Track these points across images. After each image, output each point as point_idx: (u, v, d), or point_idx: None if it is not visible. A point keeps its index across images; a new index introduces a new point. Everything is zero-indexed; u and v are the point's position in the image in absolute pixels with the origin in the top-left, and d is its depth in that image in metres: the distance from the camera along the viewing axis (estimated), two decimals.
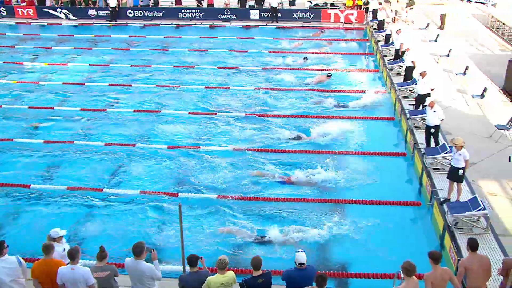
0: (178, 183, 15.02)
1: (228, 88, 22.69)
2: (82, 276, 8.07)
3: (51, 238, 9.01)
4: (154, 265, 8.49)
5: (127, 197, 14.29)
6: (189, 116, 19.67)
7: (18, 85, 23.56)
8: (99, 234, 12.60)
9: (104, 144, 17.33)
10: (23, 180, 15.16)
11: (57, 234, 9.08)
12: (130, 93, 22.41)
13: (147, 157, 16.53)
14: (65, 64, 26.67)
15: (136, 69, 25.62)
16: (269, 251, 11.85)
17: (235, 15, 35.39)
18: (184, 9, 36.06)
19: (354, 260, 11.60)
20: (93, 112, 20.25)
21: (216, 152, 16.77)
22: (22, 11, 36.56)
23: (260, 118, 19.28)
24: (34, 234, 12.54)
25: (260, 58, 27.12)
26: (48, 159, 16.56)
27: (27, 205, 14.07)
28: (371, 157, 16.19)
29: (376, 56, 26.72)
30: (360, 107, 20.18)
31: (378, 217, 13.00)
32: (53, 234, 9.07)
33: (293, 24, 34.16)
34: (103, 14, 36.06)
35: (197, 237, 12.34)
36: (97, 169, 15.93)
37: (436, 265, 8.26)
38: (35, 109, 20.55)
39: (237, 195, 14.18)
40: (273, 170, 15.54)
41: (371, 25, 31.63)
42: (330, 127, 18.26)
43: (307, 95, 21.56)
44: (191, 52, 28.39)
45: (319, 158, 16.16)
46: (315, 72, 24.35)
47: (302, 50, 28.39)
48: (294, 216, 13.28)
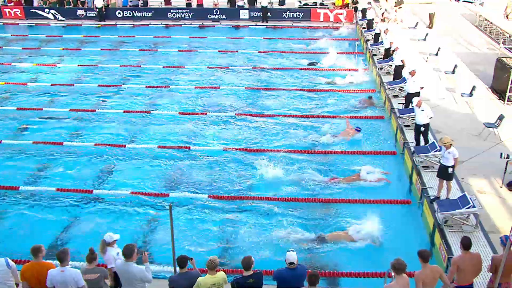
0: (169, 183, 14.99)
1: (218, 88, 22.67)
2: (72, 278, 8.00)
3: (106, 243, 8.88)
4: (145, 267, 8.46)
5: (117, 198, 14.21)
6: (179, 116, 19.63)
7: (6, 86, 23.38)
8: (89, 236, 12.48)
9: (94, 145, 17.26)
10: (12, 181, 15.04)
11: (111, 238, 8.97)
12: (119, 94, 22.32)
13: (137, 158, 16.48)
14: (53, 65, 26.53)
15: (126, 70, 25.50)
16: (260, 250, 11.83)
17: (225, 15, 35.36)
18: (173, 9, 35.99)
19: (344, 259, 11.61)
20: (82, 112, 20.15)
21: (206, 152, 16.74)
22: (9, 11, 36.30)
23: (250, 118, 19.27)
24: (22, 236, 12.50)
25: (250, 58, 27.09)
26: (37, 160, 16.46)
27: (16, 207, 13.94)
28: (361, 156, 16.23)
29: (365, 55, 26.80)
30: (350, 106, 20.22)
31: (368, 215, 13.02)
32: (108, 239, 8.93)
33: (283, 23, 34.19)
34: (91, 14, 35.87)
35: (188, 238, 12.30)
36: (87, 170, 15.85)
37: (425, 263, 8.28)
38: (23, 110, 20.38)
39: (227, 195, 14.18)
40: (263, 170, 15.54)
41: (361, 24, 31.72)
42: (319, 126, 18.32)
43: (297, 95, 21.59)
44: (181, 52, 28.34)
45: (308, 158, 16.19)
46: (305, 73, 24.42)
47: (295, 50, 28.41)
48: (284, 215, 13.28)
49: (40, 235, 12.40)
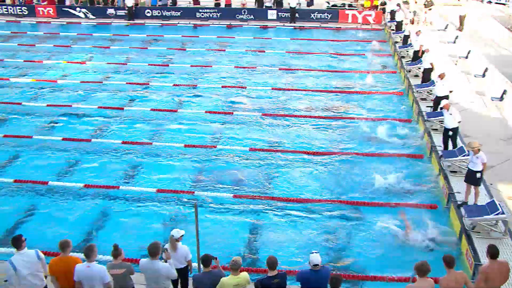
0: (194, 182, 15.08)
1: (244, 88, 22.73)
2: (98, 274, 8.13)
3: (175, 239, 8.97)
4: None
5: (143, 195, 14.36)
6: (206, 115, 19.73)
7: (37, 83, 23.82)
8: (115, 232, 12.68)
9: (121, 142, 17.46)
10: (41, 176, 15.32)
11: (179, 233, 9.04)
12: (147, 92, 22.54)
13: (163, 156, 16.62)
14: (83, 63, 26.91)
15: (154, 68, 25.75)
16: (283, 250, 11.84)
17: (253, 15, 35.44)
18: (201, 9, 36.23)
19: (369, 262, 11.54)
20: (110, 110, 20.40)
21: (233, 151, 16.80)
22: (42, 10, 37.00)
23: (276, 119, 19.28)
24: (50, 230, 12.73)
25: (277, 58, 27.08)
26: (66, 157, 16.73)
27: (44, 201, 14.21)
28: (388, 158, 16.09)
29: (393, 57, 26.56)
30: (377, 108, 20.08)
31: (393, 219, 12.93)
32: (176, 235, 8.99)
33: (310, 24, 34.10)
34: (121, 13, 36.33)
35: (212, 236, 12.36)
36: (114, 167, 16.05)
37: (450, 269, 8.18)
38: (53, 107, 20.75)
39: (252, 195, 14.22)
40: (289, 170, 15.54)
41: (389, 26, 31.45)
42: (346, 128, 18.26)
43: (323, 96, 21.52)
44: (209, 52, 28.48)
45: (334, 160, 16.13)
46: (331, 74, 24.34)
47: (319, 51, 28.33)
48: (309, 217, 13.26)
49: (67, 230, 12.59)
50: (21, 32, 33.51)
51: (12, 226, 13.06)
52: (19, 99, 21.70)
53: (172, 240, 8.96)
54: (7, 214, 13.55)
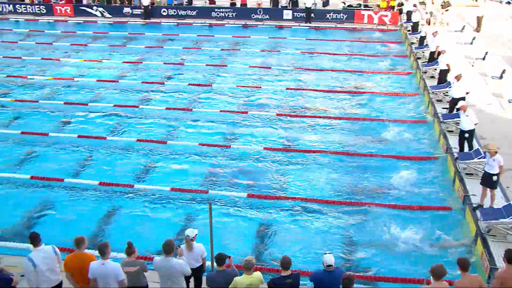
0: (208, 181, 15.12)
1: (259, 87, 22.74)
2: (112, 272, 8.19)
3: (190, 239, 9.01)
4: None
5: (157, 194, 14.44)
6: (221, 114, 19.77)
7: (55, 81, 24.04)
8: (129, 230, 12.76)
9: (136, 140, 17.57)
10: (56, 173, 15.47)
11: (193, 233, 9.10)
12: (162, 91, 22.65)
13: (178, 154, 16.68)
14: (99, 61, 27.10)
15: (169, 67, 25.86)
16: (296, 251, 11.83)
17: (268, 15, 35.42)
18: (217, 9, 36.31)
19: (382, 264, 11.50)
20: (125, 108, 20.53)
21: (246, 151, 16.82)
22: (60, 9, 37.33)
23: (291, 119, 19.27)
24: (65, 226, 12.86)
25: (292, 58, 27.06)
26: (81, 154, 16.88)
27: (60, 198, 14.35)
28: (402, 160, 16.00)
29: (409, 58, 26.40)
30: (392, 109, 19.98)
31: (408, 221, 12.87)
32: (191, 234, 9.04)
33: (326, 24, 34.00)
34: (137, 12, 36.54)
35: (226, 235, 12.39)
36: (128, 164, 16.16)
37: (465, 272, 8.10)
38: (70, 105, 20.93)
39: (266, 194, 14.24)
40: (303, 170, 15.53)
41: (405, 27, 31.26)
42: (360, 128, 18.23)
43: (339, 96, 21.46)
44: (224, 51, 28.53)
45: (348, 160, 16.08)
46: (347, 74, 24.29)
47: (335, 51, 28.24)
48: (322, 217, 13.24)
49: (81, 227, 12.73)
50: (39, 31, 33.82)
51: (27, 222, 13.23)
52: (37, 97, 21.93)
53: (187, 240, 9.00)
54: (23, 210, 13.73)
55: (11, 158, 16.62)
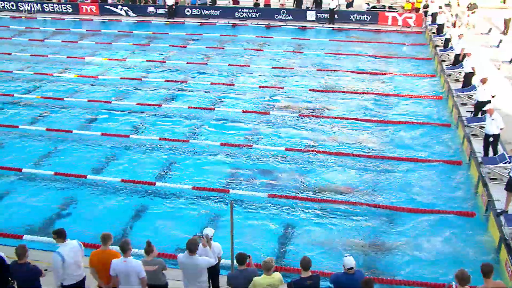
0: (230, 180, 15.16)
1: (282, 88, 22.72)
2: (134, 269, 8.27)
3: (209, 238, 9.07)
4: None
5: (179, 192, 14.53)
6: (243, 114, 19.80)
7: (79, 79, 24.34)
8: (150, 227, 12.89)
9: (158, 139, 17.70)
10: (80, 170, 15.67)
11: (212, 232, 9.19)
12: (185, 90, 22.76)
13: (200, 153, 16.76)
14: (123, 60, 27.37)
15: (192, 66, 25.99)
16: (317, 252, 11.80)
17: (291, 16, 35.38)
18: (241, 9, 36.39)
19: (403, 268, 11.42)
20: (148, 107, 20.69)
21: (268, 151, 16.82)
22: (86, 8, 37.79)
23: (313, 120, 19.22)
24: (87, 222, 13.02)
25: (315, 59, 26.98)
26: (105, 151, 17.06)
27: (83, 194, 14.55)
28: (425, 164, 15.84)
29: (433, 61, 26.13)
30: (415, 112, 19.80)
31: (430, 225, 12.75)
32: (210, 233, 9.12)
33: (349, 26, 33.83)
34: (161, 11, 36.82)
35: (246, 235, 12.41)
36: (150, 163, 16.29)
37: (487, 278, 8.00)
38: (93, 102, 21.19)
39: (287, 195, 14.22)
40: (324, 172, 15.50)
41: (430, 29, 30.94)
42: (383, 130, 18.10)
43: (361, 98, 21.34)
44: (247, 51, 28.58)
45: (370, 163, 15.99)
46: (369, 76, 24.16)
47: (358, 52, 28.10)
48: (343, 219, 13.18)
49: (103, 223, 12.83)
50: (64, 29, 34.28)
51: (50, 218, 13.43)
52: (62, 94, 22.23)
53: (208, 239, 9.05)
54: (46, 206, 13.95)
55: (36, 154, 16.86)
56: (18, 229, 12.76)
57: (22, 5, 38.48)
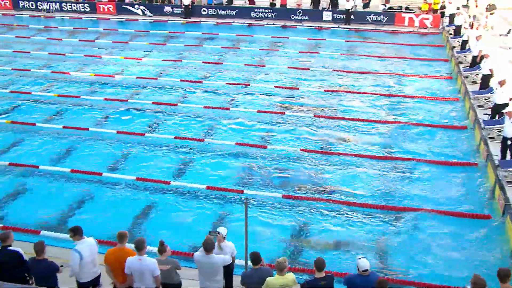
0: (244, 180, 15.18)
1: (297, 88, 22.68)
2: (148, 267, 8.33)
3: (222, 237, 9.13)
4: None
5: (193, 191, 14.58)
6: (258, 114, 19.81)
7: (96, 78, 24.54)
8: (163, 226, 12.95)
9: (173, 138, 17.77)
10: (96, 167, 15.79)
11: (225, 231, 9.25)
12: (200, 89, 22.83)
13: (215, 153, 16.79)
14: (139, 59, 27.52)
15: (208, 66, 26.06)
16: (330, 253, 11.77)
17: (308, 16, 35.33)
18: (257, 9, 36.42)
19: (418, 270, 11.35)
20: (164, 106, 20.79)
21: (283, 152, 16.81)
22: (103, 7, 38.08)
23: (328, 120, 19.16)
24: (102, 220, 13.14)
25: (331, 60, 26.91)
26: (120, 149, 17.18)
27: (98, 192, 14.66)
28: (441, 166, 15.74)
29: (450, 63, 25.93)
30: (431, 114, 19.67)
31: (445, 228, 12.67)
32: (223, 232, 9.18)
33: (366, 27, 33.69)
34: (178, 11, 36.99)
35: (259, 235, 12.43)
36: (165, 161, 16.37)
37: (504, 283, 7.91)
38: (110, 101, 21.35)
39: (301, 195, 14.22)
40: (338, 172, 15.46)
41: (447, 30, 30.70)
42: (398, 132, 18.05)
43: (377, 99, 21.24)
44: (262, 51, 28.58)
45: (385, 164, 15.92)
46: (385, 77, 24.04)
47: (374, 53, 27.98)
48: (357, 220, 13.14)
49: (118, 221, 13.00)
50: (82, 28, 34.58)
51: (66, 214, 13.56)
52: (78, 92, 22.42)
53: (219, 237, 9.09)
54: (62, 202, 14.08)
55: (52, 151, 17.04)
56: (35, 225, 12.92)
57: (41, 4, 38.89)
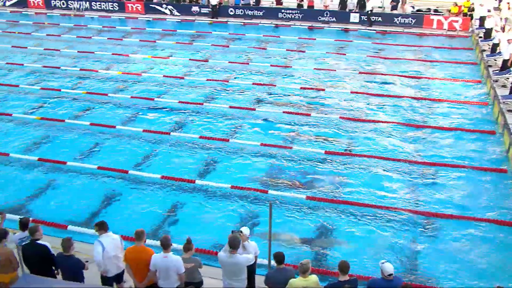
0: (268, 180, 15.17)
1: (323, 90, 22.60)
2: (174, 265, 8.41)
3: (246, 237, 9.19)
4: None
5: (217, 190, 14.64)
6: (283, 115, 19.79)
7: (123, 76, 24.84)
8: (187, 224, 13.06)
9: (198, 137, 17.87)
10: (122, 165, 15.98)
11: (248, 231, 9.33)
12: (226, 89, 22.91)
13: (240, 153, 16.84)
14: (166, 58, 27.74)
15: (234, 66, 26.15)
16: (354, 256, 11.70)
17: (335, 18, 35.16)
18: (284, 10, 36.38)
19: (443, 276, 11.23)
20: (189, 105, 20.91)
21: (308, 153, 16.77)
22: (131, 6, 38.49)
23: (354, 123, 19.06)
24: (127, 217, 13.30)
25: (357, 62, 26.74)
26: (146, 148, 17.34)
27: (124, 189, 14.84)
28: (469, 171, 15.52)
29: (479, 66, 25.53)
30: (459, 119, 19.40)
31: (472, 234, 12.49)
32: (246, 232, 9.25)
33: (393, 29, 33.39)
34: (205, 11, 37.18)
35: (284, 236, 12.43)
36: (190, 160, 16.46)
37: None
38: (136, 99, 21.56)
39: (325, 197, 14.16)
40: (363, 175, 15.37)
41: (477, 33, 30.22)
42: (424, 136, 17.84)
43: (403, 103, 21.04)
44: (289, 52, 28.55)
45: (413, 168, 15.75)
46: (412, 80, 23.79)
47: (401, 56, 27.71)
48: (382, 224, 13.03)
49: (143, 218, 13.19)
50: (111, 27, 35.04)
51: (92, 210, 13.77)
52: (106, 90, 22.72)
53: (242, 237, 9.12)
54: (88, 198, 14.30)
55: (80, 148, 17.29)
56: (62, 220, 13.14)
57: (72, 3, 39.51)
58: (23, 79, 24.43)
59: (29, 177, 15.49)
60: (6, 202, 14.05)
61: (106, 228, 9.01)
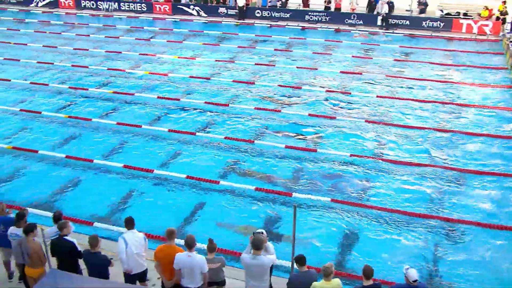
0: (293, 183, 15.12)
1: (349, 93, 22.46)
2: (198, 264, 8.47)
3: (266, 238, 9.20)
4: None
5: (241, 192, 14.66)
6: (309, 117, 19.73)
7: (150, 75, 25.06)
8: (211, 224, 13.12)
9: (223, 138, 17.92)
10: (147, 164, 16.11)
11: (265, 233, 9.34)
12: (252, 91, 22.93)
13: (264, 155, 16.84)
14: (193, 58, 27.90)
15: (260, 68, 26.16)
16: (378, 261, 11.59)
17: (362, 21, 34.95)
18: (311, 12, 36.32)
19: (467, 282, 11.08)
20: (215, 106, 21.00)
21: (333, 156, 16.68)
22: (159, 7, 38.86)
23: (380, 127, 18.90)
24: (151, 216, 13.38)
25: (384, 66, 26.51)
26: (171, 148, 17.45)
27: (149, 188, 14.96)
28: (498, 178, 15.27)
29: (510, 71, 25.07)
30: (488, 124, 19.09)
31: (500, 243, 12.28)
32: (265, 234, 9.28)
33: (421, 32, 33.03)
34: (232, 12, 37.31)
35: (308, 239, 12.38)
36: (215, 161, 16.52)
37: None
38: (163, 99, 21.73)
39: (350, 201, 14.08)
40: (392, 179, 15.22)
41: (508, 37, 29.70)
42: (452, 141, 17.62)
43: (432, 107, 20.78)
44: (315, 55, 28.46)
45: (440, 174, 15.54)
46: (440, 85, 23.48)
47: (429, 60, 27.36)
48: (406, 228, 12.89)
49: (167, 217, 13.26)
50: (139, 27, 35.42)
51: (117, 208, 13.94)
52: (133, 90, 22.95)
53: (265, 238, 9.11)
54: (114, 196, 14.48)
55: (106, 147, 17.50)
56: (88, 217, 13.34)
57: (101, 3, 40.08)
58: (53, 78, 24.82)
59: (56, 174, 15.74)
60: (33, 198, 14.33)
61: (131, 224, 9.13)
